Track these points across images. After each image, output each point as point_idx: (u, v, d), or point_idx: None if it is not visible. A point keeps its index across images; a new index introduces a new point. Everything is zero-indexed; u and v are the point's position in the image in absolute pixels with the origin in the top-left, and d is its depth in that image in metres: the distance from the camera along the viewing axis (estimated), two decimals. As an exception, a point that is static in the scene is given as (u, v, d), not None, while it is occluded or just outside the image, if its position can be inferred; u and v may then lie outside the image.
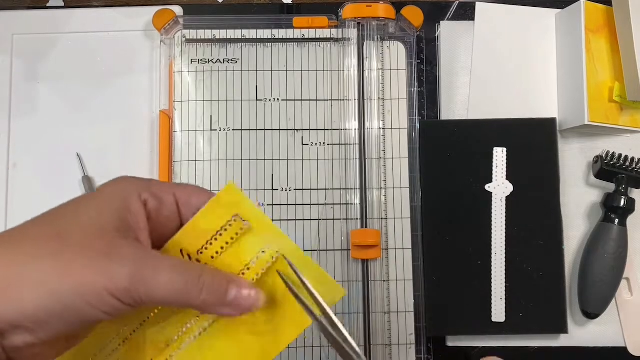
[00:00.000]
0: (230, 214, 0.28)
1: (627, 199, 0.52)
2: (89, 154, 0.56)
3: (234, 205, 0.28)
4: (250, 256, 0.28)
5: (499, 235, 0.53)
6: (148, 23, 0.56)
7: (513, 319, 0.53)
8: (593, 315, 0.52)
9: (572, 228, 0.55)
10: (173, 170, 0.53)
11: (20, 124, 0.56)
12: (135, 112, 0.57)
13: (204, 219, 0.28)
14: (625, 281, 0.54)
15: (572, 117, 0.55)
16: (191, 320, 0.29)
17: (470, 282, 0.53)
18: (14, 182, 0.56)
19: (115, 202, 0.27)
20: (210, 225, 0.28)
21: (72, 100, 0.57)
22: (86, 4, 0.59)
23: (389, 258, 0.53)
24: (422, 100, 0.57)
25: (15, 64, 0.57)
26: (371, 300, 0.52)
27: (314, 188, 0.54)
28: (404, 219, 0.54)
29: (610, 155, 0.53)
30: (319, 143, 0.55)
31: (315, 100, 0.55)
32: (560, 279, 0.53)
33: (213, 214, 0.29)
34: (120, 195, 0.27)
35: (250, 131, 0.54)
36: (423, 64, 0.58)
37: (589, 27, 0.54)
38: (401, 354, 0.52)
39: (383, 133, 0.55)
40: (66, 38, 0.58)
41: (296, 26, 0.55)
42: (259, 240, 0.28)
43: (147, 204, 0.28)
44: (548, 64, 0.58)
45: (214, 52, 0.55)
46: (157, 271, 0.25)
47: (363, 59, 0.55)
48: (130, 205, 0.27)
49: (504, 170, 0.54)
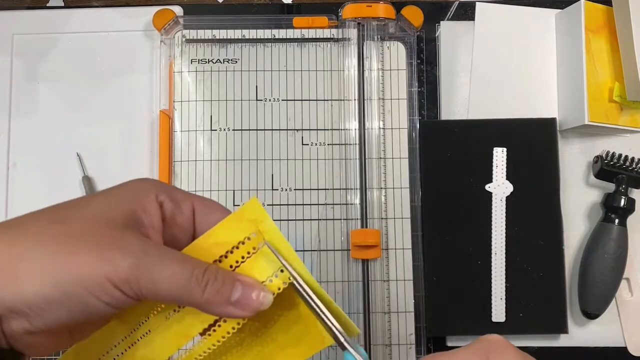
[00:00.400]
0: (249, 231, 0.28)
1: (627, 199, 0.52)
2: (89, 154, 0.56)
3: (254, 222, 0.28)
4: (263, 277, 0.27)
5: (499, 235, 0.53)
6: (148, 23, 0.56)
7: (513, 319, 0.53)
8: (593, 315, 0.52)
9: (572, 228, 0.55)
10: (173, 170, 0.53)
11: (20, 124, 0.56)
12: (135, 112, 0.57)
13: (222, 231, 0.28)
14: (625, 281, 0.54)
15: (572, 117, 0.55)
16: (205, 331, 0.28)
17: (470, 282, 0.53)
18: (14, 182, 0.56)
19: (129, 199, 0.26)
20: (228, 238, 0.28)
21: (72, 100, 0.57)
22: (86, 4, 0.59)
23: (389, 258, 0.53)
24: (422, 100, 0.57)
25: (15, 64, 0.57)
26: (371, 300, 0.52)
27: (314, 188, 0.54)
28: (404, 219, 0.54)
29: (610, 155, 0.53)
30: (319, 143, 0.55)
31: (315, 100, 0.55)
32: (560, 279, 0.53)
33: (233, 228, 0.28)
34: (136, 192, 0.27)
35: (250, 131, 0.54)
36: (423, 64, 0.58)
37: (589, 27, 0.54)
38: (401, 354, 0.52)
39: (383, 133, 0.55)
40: (66, 38, 0.58)
41: (296, 26, 0.55)
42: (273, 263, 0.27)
43: (163, 206, 0.27)
44: (548, 64, 0.58)
45: (214, 52, 0.55)
46: (162, 263, 0.24)
47: (363, 59, 0.55)
48: (146, 204, 0.26)
49: (504, 170, 0.54)
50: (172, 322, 0.28)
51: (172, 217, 0.28)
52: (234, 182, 0.54)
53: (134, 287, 0.24)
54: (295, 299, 0.29)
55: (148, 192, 0.27)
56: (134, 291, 0.24)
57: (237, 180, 0.54)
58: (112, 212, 0.25)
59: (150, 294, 0.24)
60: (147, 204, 0.26)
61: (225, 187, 0.54)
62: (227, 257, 0.28)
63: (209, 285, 0.25)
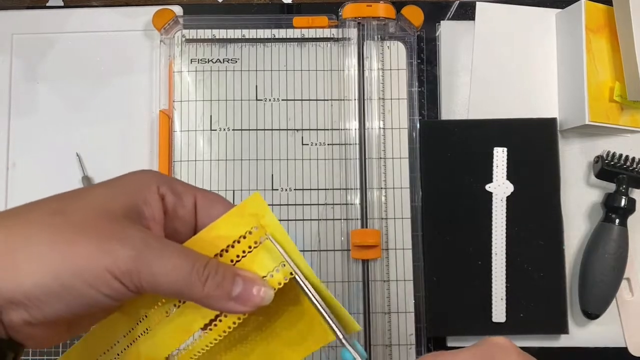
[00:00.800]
0: (251, 225, 0.28)
1: (627, 199, 0.52)
2: (88, 154, 0.56)
3: (256, 217, 0.28)
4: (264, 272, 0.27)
5: (499, 235, 0.53)
6: (148, 23, 0.56)
7: (513, 319, 0.53)
8: (593, 316, 0.52)
9: (573, 228, 0.55)
10: (173, 170, 0.53)
11: (20, 124, 0.56)
12: (135, 112, 0.57)
13: (224, 225, 0.28)
14: (625, 281, 0.54)
15: (573, 117, 0.55)
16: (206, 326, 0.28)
17: (470, 282, 0.53)
18: (13, 182, 0.55)
19: (131, 190, 0.26)
20: (229, 232, 0.27)
21: (72, 100, 0.57)
22: (86, 4, 0.59)
23: (389, 258, 0.53)
24: (422, 100, 0.57)
25: (15, 63, 0.57)
26: (371, 300, 0.52)
27: (314, 188, 0.54)
28: (404, 219, 0.53)
29: (610, 155, 0.53)
30: (319, 143, 0.54)
31: (315, 100, 0.55)
32: (561, 279, 0.53)
33: (235, 222, 0.28)
34: (137, 184, 0.26)
35: (250, 131, 0.54)
36: (423, 64, 0.58)
37: (590, 27, 0.54)
38: (401, 354, 0.52)
39: (383, 133, 0.54)
40: (66, 38, 0.58)
41: (296, 26, 0.55)
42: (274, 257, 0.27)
43: (164, 198, 0.27)
44: (548, 64, 0.57)
45: (213, 51, 0.55)
46: (162, 255, 0.24)
47: (363, 59, 0.55)
48: (147, 195, 0.26)
49: (504, 170, 0.54)
50: (173, 317, 0.28)
51: (174, 209, 0.27)
52: (233, 182, 0.54)
53: (134, 279, 0.24)
54: (300, 295, 0.29)
55: (149, 183, 0.27)
56: (134, 283, 0.24)
57: (237, 180, 0.54)
58: (113, 203, 0.25)
59: (150, 287, 0.24)
60: (148, 196, 0.26)
61: (225, 187, 0.53)
62: (227, 251, 0.27)
63: (209, 279, 0.25)
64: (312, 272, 0.28)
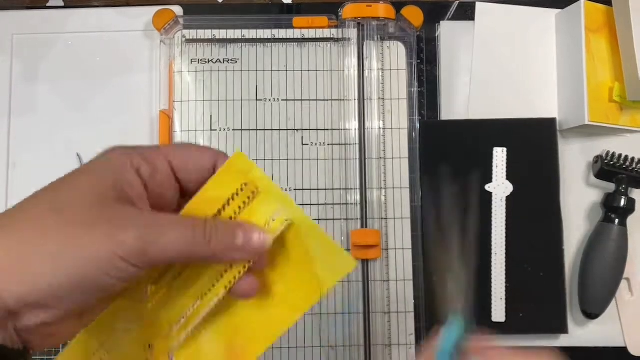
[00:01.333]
0: (240, 182, 0.29)
1: (627, 199, 0.52)
2: (89, 154, 0.56)
3: (243, 173, 0.29)
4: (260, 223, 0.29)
5: (499, 235, 0.53)
6: (148, 23, 0.56)
7: (513, 319, 0.53)
8: (593, 316, 0.52)
9: (572, 228, 0.55)
10: (173, 170, 0.53)
11: (20, 124, 0.56)
12: (135, 112, 0.57)
13: (215, 187, 0.29)
14: (625, 281, 0.54)
15: (572, 117, 0.55)
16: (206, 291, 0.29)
17: (470, 282, 0.53)
18: (13, 182, 0.55)
19: (109, 173, 0.27)
20: (220, 193, 0.29)
21: (72, 100, 0.57)
22: (86, 4, 0.59)
23: (389, 258, 0.53)
24: (422, 100, 0.57)
25: (15, 63, 0.57)
26: (371, 300, 0.52)
27: (314, 188, 0.54)
28: (404, 219, 0.53)
29: (610, 155, 0.53)
30: (319, 143, 0.54)
31: (315, 100, 0.55)
32: (560, 279, 0.53)
33: (223, 182, 0.29)
34: (113, 165, 0.27)
35: (250, 131, 0.54)
36: (423, 64, 0.58)
37: (589, 27, 0.54)
38: (401, 354, 0.52)
39: (383, 133, 0.55)
40: (66, 38, 0.58)
41: (296, 26, 0.55)
42: (269, 208, 0.29)
43: (140, 171, 0.27)
44: (548, 64, 0.58)
45: (214, 52, 0.55)
46: (164, 228, 0.25)
47: (363, 59, 0.55)
48: (125, 174, 0.27)
49: (504, 170, 0.54)
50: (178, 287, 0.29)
51: (152, 177, 0.28)
52: (233, 182, 0.54)
53: (143, 258, 0.25)
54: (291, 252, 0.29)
55: (124, 162, 0.27)
56: (143, 261, 0.25)
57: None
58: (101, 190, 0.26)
59: (159, 260, 0.25)
60: (126, 175, 0.27)
61: (225, 187, 0.53)
62: (224, 209, 0.29)
63: (213, 237, 0.26)
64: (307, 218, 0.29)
